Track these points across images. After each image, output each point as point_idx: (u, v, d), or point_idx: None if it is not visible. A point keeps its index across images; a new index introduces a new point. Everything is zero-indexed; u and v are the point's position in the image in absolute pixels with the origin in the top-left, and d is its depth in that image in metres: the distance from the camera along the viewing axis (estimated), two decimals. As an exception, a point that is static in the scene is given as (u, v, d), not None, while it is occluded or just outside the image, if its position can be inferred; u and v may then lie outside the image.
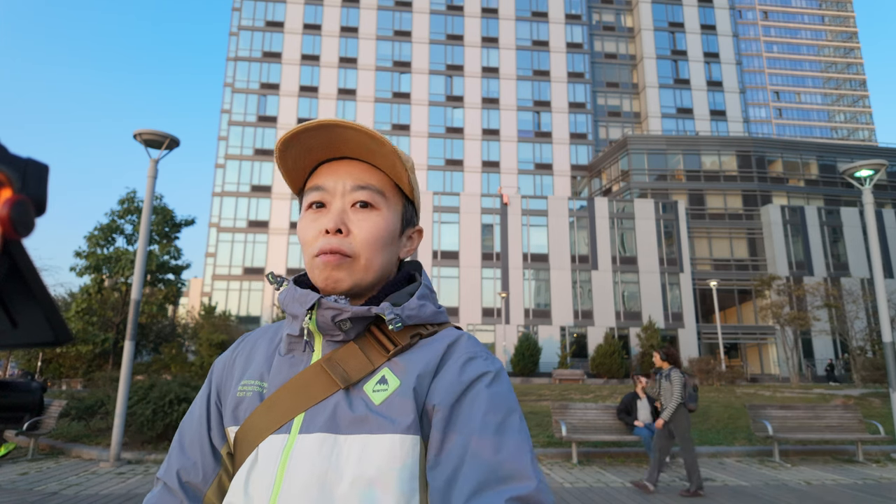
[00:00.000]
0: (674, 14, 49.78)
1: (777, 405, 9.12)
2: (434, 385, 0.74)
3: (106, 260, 20.11)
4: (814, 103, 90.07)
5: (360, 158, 0.83)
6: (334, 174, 0.82)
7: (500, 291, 34.08)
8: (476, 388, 0.73)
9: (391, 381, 0.75)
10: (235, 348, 0.91)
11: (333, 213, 0.80)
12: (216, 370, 0.90)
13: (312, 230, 0.80)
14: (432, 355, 0.77)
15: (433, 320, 0.83)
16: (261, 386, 0.81)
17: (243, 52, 44.35)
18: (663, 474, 7.30)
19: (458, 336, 0.81)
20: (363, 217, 0.81)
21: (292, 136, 0.78)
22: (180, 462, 0.82)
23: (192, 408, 0.88)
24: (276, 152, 0.81)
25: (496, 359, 0.81)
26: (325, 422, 0.73)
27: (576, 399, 15.83)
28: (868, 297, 31.97)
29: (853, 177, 9.35)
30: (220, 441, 0.83)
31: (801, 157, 41.78)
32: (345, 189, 0.81)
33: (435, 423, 0.72)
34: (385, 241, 0.82)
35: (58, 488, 5.97)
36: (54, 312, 0.29)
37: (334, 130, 0.78)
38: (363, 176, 0.82)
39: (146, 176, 8.43)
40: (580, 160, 46.38)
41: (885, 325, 8.61)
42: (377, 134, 0.77)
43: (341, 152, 0.83)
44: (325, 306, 0.77)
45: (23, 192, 0.28)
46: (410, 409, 0.72)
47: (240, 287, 38.59)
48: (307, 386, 0.77)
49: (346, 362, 0.77)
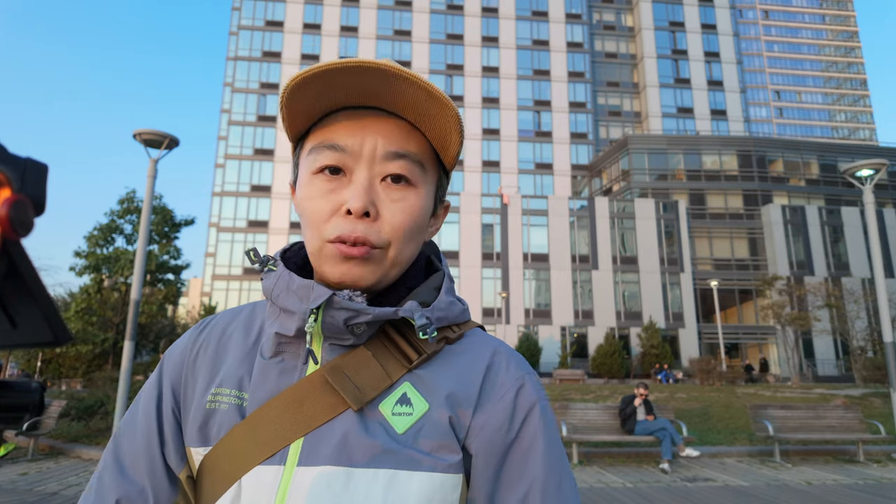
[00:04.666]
0: (674, 13, 49.77)
1: (778, 405, 9.11)
2: (478, 420, 0.60)
3: (105, 260, 20.10)
4: (814, 103, 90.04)
5: (397, 113, 0.62)
6: (361, 130, 0.61)
7: (500, 291, 34.08)
8: (530, 430, 0.61)
9: (416, 402, 0.60)
10: (196, 338, 0.69)
11: (359, 186, 0.59)
12: (171, 365, 0.68)
13: (326, 205, 0.60)
14: (469, 375, 0.63)
15: (459, 320, 0.68)
16: (240, 397, 0.62)
17: (243, 52, 44.36)
18: (664, 475, 7.29)
19: (496, 350, 0.66)
20: (397, 196, 0.61)
21: (316, 75, 0.57)
22: (120, 488, 0.61)
23: (132, 413, 0.66)
24: (286, 93, 0.59)
25: (529, 367, 0.68)
26: (332, 452, 0.57)
27: (576, 399, 15.82)
28: (869, 296, 32.00)
29: (854, 176, 9.34)
30: (178, 462, 0.63)
31: (801, 157, 41.77)
32: (374, 155, 0.61)
33: (482, 469, 0.60)
34: (419, 228, 0.64)
35: (58, 488, 5.96)
36: (53, 312, 0.29)
37: (378, 76, 0.57)
38: (401, 140, 0.62)
39: (146, 176, 8.43)
40: (580, 160, 46.38)
41: (886, 324, 8.60)
42: (441, 94, 0.58)
43: (375, 102, 0.61)
44: (336, 305, 0.59)
45: (22, 192, 0.28)
46: (453, 444, 0.59)
47: (239, 287, 38.61)
48: (304, 402, 0.59)
49: (357, 374, 0.60)
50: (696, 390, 19.45)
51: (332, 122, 0.62)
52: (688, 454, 8.06)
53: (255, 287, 38.55)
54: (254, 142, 42.47)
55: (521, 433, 0.61)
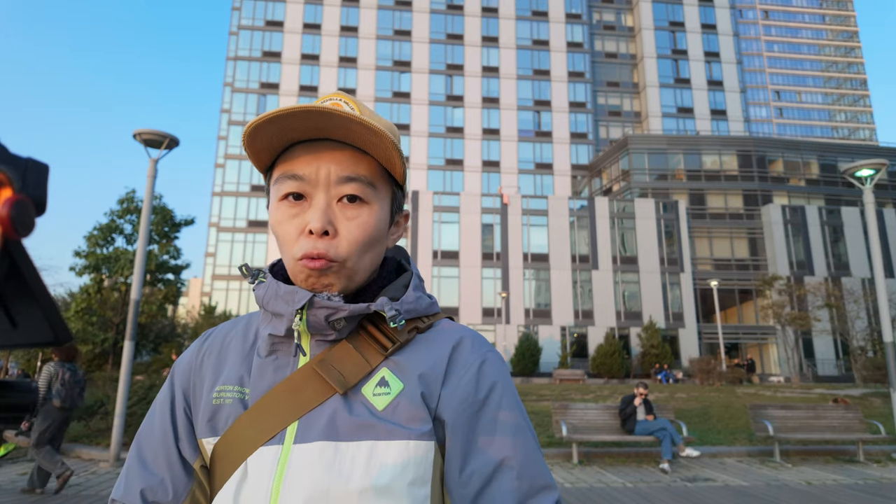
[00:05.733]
0: (674, 13, 49.78)
1: (778, 405, 9.11)
2: (446, 394, 0.70)
3: (105, 260, 20.08)
4: (814, 103, 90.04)
5: (345, 142, 0.71)
6: (315, 160, 0.70)
7: (500, 291, 34.08)
8: (493, 397, 0.70)
9: (393, 383, 0.69)
10: (200, 347, 0.80)
11: (318, 210, 0.69)
12: (180, 372, 0.79)
13: (292, 228, 0.70)
14: (437, 357, 0.72)
15: (428, 312, 0.78)
16: (241, 392, 0.72)
17: (243, 52, 44.37)
18: (664, 475, 7.29)
19: (461, 336, 0.76)
20: (351, 214, 0.71)
21: (269, 120, 0.66)
22: (143, 480, 0.72)
23: (150, 416, 0.78)
24: (246, 136, 0.68)
25: (493, 347, 0.78)
26: (322, 430, 0.66)
27: (576, 399, 15.82)
28: (869, 296, 32.00)
29: (854, 176, 9.34)
30: (192, 454, 0.73)
31: (801, 157, 41.77)
32: (329, 180, 0.70)
33: (454, 436, 0.68)
34: (375, 240, 0.73)
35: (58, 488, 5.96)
36: (54, 312, 0.29)
37: (323, 116, 0.66)
38: (351, 165, 0.71)
39: (146, 176, 8.43)
40: (580, 160, 46.38)
41: (886, 324, 8.60)
42: (377, 127, 0.66)
43: (326, 135, 0.71)
44: (317, 305, 0.68)
45: (23, 192, 0.28)
46: (423, 415, 0.68)
47: (239, 287, 38.61)
48: (298, 391, 0.69)
49: (341, 364, 0.70)
50: (695, 390, 19.47)
51: (291, 155, 0.71)
52: (688, 454, 8.06)
53: (255, 287, 38.54)
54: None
55: (487, 400, 0.70)
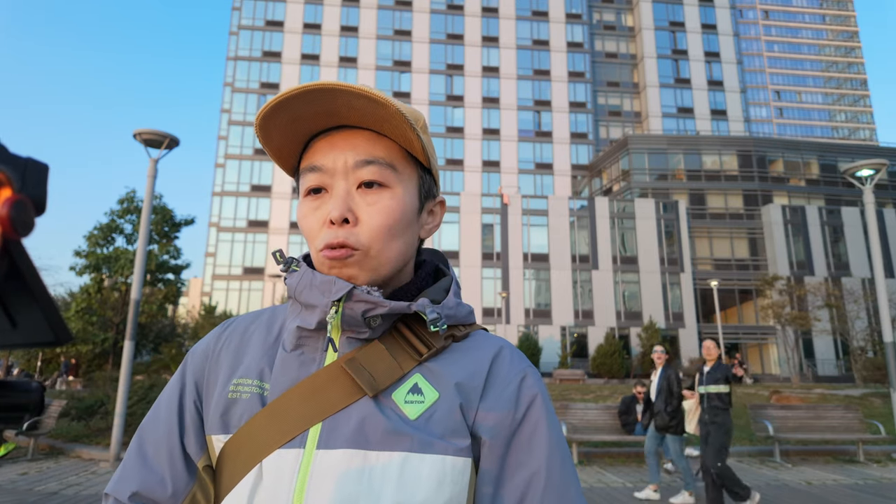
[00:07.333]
0: (674, 13, 49.76)
1: (778, 405, 9.11)
2: (484, 407, 0.65)
3: (105, 259, 20.09)
4: (815, 103, 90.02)
5: (361, 126, 0.69)
6: (332, 149, 0.68)
7: (500, 291, 34.07)
8: (533, 417, 0.66)
9: (427, 391, 0.65)
10: (219, 337, 0.75)
11: (337, 198, 0.66)
12: (194, 361, 0.74)
13: (315, 221, 0.67)
14: (475, 367, 0.68)
15: (466, 321, 0.73)
16: (261, 387, 0.67)
17: (243, 52, 44.35)
18: (666, 475, 7.29)
19: (500, 347, 0.72)
20: (372, 200, 0.67)
21: (273, 107, 0.63)
22: (141, 475, 0.66)
23: (156, 406, 0.72)
24: (257, 129, 0.67)
25: (534, 366, 0.73)
26: (350, 436, 0.61)
27: (576, 399, 15.81)
28: (869, 296, 31.99)
29: (854, 176, 9.34)
30: (198, 451, 0.68)
31: (801, 157, 41.77)
32: (347, 167, 0.67)
33: (491, 454, 0.64)
34: (401, 226, 0.68)
35: (58, 488, 5.96)
36: (54, 312, 0.29)
37: (325, 95, 0.63)
38: (367, 148, 0.68)
39: (146, 176, 8.43)
40: (580, 160, 46.38)
41: (886, 324, 8.59)
42: (379, 95, 0.63)
43: (338, 121, 0.68)
44: (356, 298, 0.64)
45: (22, 192, 0.28)
46: (463, 430, 0.63)
47: (240, 287, 38.59)
48: (323, 390, 0.64)
49: (372, 365, 0.65)
50: (696, 390, 19.41)
51: (311, 148, 0.70)
52: (688, 454, 8.06)
53: (254, 287, 38.53)
54: (254, 142, 42.39)
55: (525, 419, 0.66)
